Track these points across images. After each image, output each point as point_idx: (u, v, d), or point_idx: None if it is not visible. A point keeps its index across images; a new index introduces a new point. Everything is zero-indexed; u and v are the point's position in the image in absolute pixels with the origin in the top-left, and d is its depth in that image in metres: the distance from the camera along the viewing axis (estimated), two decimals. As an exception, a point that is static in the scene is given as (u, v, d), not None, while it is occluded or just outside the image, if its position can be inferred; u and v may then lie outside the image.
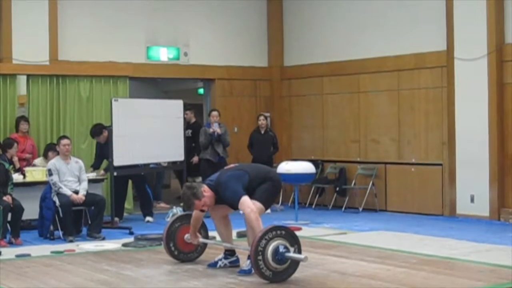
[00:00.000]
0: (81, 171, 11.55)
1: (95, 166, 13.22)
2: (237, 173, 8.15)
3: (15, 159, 12.38)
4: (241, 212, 7.90)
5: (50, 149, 12.58)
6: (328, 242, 10.48)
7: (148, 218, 13.34)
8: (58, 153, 11.87)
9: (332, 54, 15.64)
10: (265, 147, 14.91)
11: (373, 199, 14.65)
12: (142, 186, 13.57)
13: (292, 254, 7.56)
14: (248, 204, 7.78)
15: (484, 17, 12.96)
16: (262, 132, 14.98)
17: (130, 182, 13.71)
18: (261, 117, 15.03)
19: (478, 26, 13.03)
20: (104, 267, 8.61)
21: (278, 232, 7.59)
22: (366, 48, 14.96)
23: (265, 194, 8.11)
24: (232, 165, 8.66)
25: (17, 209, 10.78)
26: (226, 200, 8.04)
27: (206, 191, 8.03)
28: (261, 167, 8.60)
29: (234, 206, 8.00)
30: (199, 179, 13.60)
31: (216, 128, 14.17)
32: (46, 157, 12.57)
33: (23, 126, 12.98)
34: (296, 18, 16.47)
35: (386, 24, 14.68)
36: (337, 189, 15.07)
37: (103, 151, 12.97)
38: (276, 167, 13.46)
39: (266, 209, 8.23)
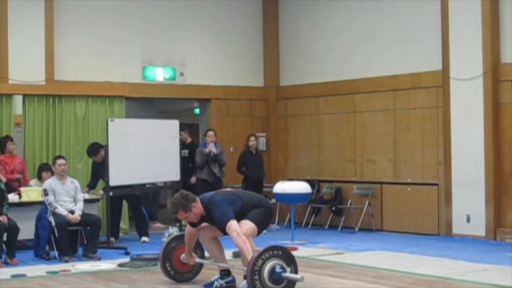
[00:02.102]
0: (76, 191, 11.51)
1: (91, 186, 13.20)
2: (231, 197, 8.30)
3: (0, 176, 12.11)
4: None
5: (44, 170, 12.52)
6: (324, 262, 10.47)
7: (144, 238, 13.31)
8: (52, 173, 11.84)
9: (327, 74, 15.67)
10: (259, 167, 14.93)
11: (369, 219, 14.63)
12: (137, 206, 13.54)
13: (288, 274, 7.56)
14: (234, 228, 7.85)
15: (480, 37, 13.00)
16: (254, 152, 14.97)
17: (125, 202, 13.67)
18: (252, 138, 14.96)
19: (474, 46, 13.07)
20: (99, 288, 8.60)
21: (275, 252, 7.59)
22: (362, 68, 14.99)
23: (258, 216, 8.23)
24: (228, 189, 8.80)
25: (13, 229, 10.74)
26: (215, 219, 8.09)
27: (196, 208, 8.13)
28: (254, 195, 8.82)
29: (222, 227, 8.03)
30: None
31: (212, 148, 14.17)
32: (40, 178, 12.52)
33: (11, 146, 12.80)
34: (292, 38, 16.51)
35: (381, 44, 14.72)
36: (333, 209, 15.04)
37: (99, 171, 12.94)
38: (272, 187, 13.50)
39: (259, 231, 8.24)
